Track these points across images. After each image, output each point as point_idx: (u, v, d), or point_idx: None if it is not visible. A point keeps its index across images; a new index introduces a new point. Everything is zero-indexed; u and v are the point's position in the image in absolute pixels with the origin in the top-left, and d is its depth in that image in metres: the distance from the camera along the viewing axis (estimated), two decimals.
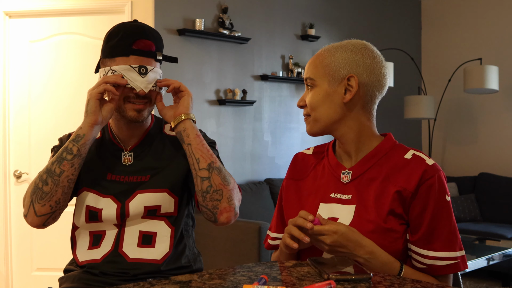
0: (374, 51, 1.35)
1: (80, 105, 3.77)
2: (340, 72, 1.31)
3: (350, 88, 1.31)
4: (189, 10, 4.13)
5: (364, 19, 5.48)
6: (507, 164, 5.41)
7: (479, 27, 5.66)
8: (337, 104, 1.32)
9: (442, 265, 1.24)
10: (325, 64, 1.33)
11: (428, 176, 1.25)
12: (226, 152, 4.40)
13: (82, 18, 3.88)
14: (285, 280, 1.03)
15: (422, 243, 1.26)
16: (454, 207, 5.01)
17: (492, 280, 4.46)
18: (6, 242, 3.85)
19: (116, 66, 1.49)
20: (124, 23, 1.55)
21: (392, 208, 1.26)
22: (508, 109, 5.47)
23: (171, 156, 1.59)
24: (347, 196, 1.32)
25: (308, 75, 1.35)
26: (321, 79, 1.33)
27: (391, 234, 1.26)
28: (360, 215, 1.28)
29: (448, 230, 1.25)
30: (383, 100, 1.45)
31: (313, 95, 1.34)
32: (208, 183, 1.46)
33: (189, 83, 4.13)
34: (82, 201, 1.54)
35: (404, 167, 1.29)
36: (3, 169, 3.87)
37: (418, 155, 1.31)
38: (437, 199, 1.25)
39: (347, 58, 1.32)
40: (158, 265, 1.51)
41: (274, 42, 4.72)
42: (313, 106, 1.34)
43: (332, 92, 1.32)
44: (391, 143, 1.36)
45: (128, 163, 1.57)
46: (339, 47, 1.34)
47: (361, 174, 1.33)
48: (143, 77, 1.49)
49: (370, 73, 1.32)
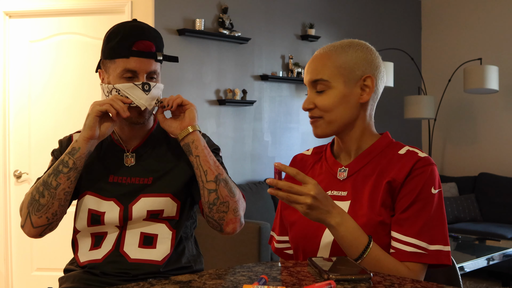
0: (375, 50, 1.37)
1: (80, 105, 3.78)
2: (355, 72, 1.30)
3: (365, 88, 1.31)
4: (189, 10, 4.13)
5: (364, 19, 5.48)
6: (507, 164, 5.41)
7: (479, 27, 5.66)
8: (353, 105, 1.32)
9: (408, 251, 1.22)
10: (339, 64, 1.30)
11: (418, 166, 1.26)
12: (226, 152, 4.40)
13: (82, 18, 3.88)
14: (285, 280, 1.03)
15: (395, 225, 1.25)
16: (454, 207, 5.01)
17: (492, 280, 4.46)
18: (6, 242, 3.85)
19: (120, 85, 1.48)
20: (124, 23, 1.54)
21: (383, 199, 1.26)
22: (508, 109, 5.47)
23: (174, 159, 1.58)
24: (343, 193, 1.33)
25: (319, 76, 1.31)
26: (336, 80, 1.30)
27: (384, 227, 1.26)
28: (354, 210, 1.29)
29: (425, 220, 1.24)
30: (383, 100, 1.46)
31: (328, 97, 1.31)
32: (215, 195, 1.47)
33: (189, 83, 4.13)
34: (84, 205, 1.53)
35: (397, 161, 1.29)
36: (3, 169, 3.87)
37: (412, 150, 1.31)
38: (422, 188, 1.24)
39: (359, 58, 1.31)
40: (158, 266, 1.51)
41: (274, 42, 4.72)
42: (327, 109, 1.31)
43: (348, 93, 1.30)
44: (387, 141, 1.36)
45: (130, 164, 1.56)
46: (346, 46, 1.33)
47: (357, 171, 1.33)
48: (146, 94, 1.49)
49: (379, 72, 1.34)
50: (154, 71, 1.52)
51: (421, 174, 1.25)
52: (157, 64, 1.53)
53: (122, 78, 1.49)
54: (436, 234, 1.25)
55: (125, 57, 1.48)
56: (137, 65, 1.48)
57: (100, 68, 1.57)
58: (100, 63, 1.56)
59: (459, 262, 3.21)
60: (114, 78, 1.51)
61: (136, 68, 1.48)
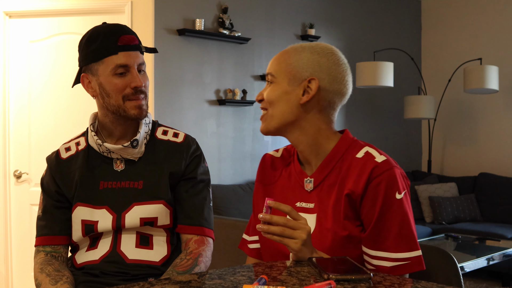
0: (341, 59, 1.33)
1: (80, 105, 3.78)
2: (302, 73, 1.29)
3: (309, 90, 1.29)
4: (189, 10, 4.13)
5: (364, 19, 5.48)
6: (507, 164, 5.41)
7: (479, 27, 5.66)
8: (293, 104, 1.30)
9: (389, 267, 1.20)
10: (289, 63, 1.31)
11: (375, 174, 1.21)
12: (226, 152, 4.40)
13: (82, 18, 3.88)
14: (285, 280, 1.03)
15: (369, 243, 1.22)
16: (454, 207, 5.01)
17: (492, 280, 4.45)
18: (6, 242, 3.85)
19: (109, 145, 1.50)
20: (97, 26, 1.53)
21: (346, 212, 1.23)
22: (508, 109, 5.47)
23: (163, 162, 1.56)
24: (311, 205, 1.30)
25: (269, 70, 1.33)
26: (282, 77, 1.31)
27: (350, 240, 1.23)
28: (320, 223, 1.26)
29: (396, 230, 1.20)
30: (383, 100, 1.45)
31: (270, 91, 1.32)
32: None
33: (189, 83, 4.13)
34: (77, 217, 1.53)
35: (354, 168, 1.25)
36: (3, 169, 3.87)
37: (370, 152, 1.27)
38: (385, 197, 1.20)
39: (312, 60, 1.30)
40: (157, 266, 1.51)
41: (274, 42, 4.72)
42: (270, 101, 1.31)
43: (290, 91, 1.30)
44: (347, 142, 1.32)
45: (120, 169, 1.55)
46: (306, 47, 1.32)
47: (321, 181, 1.30)
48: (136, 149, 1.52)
49: (332, 79, 1.30)
50: (142, 63, 1.52)
51: (380, 184, 1.20)
52: (142, 56, 1.53)
53: (114, 75, 1.47)
54: (411, 240, 1.21)
55: (114, 54, 1.47)
56: (127, 59, 1.48)
57: (83, 73, 1.53)
58: (83, 71, 1.53)
59: (459, 262, 3.21)
60: (105, 77, 1.48)
61: (127, 62, 1.47)
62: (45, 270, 1.47)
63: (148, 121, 1.59)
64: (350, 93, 1.35)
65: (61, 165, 1.57)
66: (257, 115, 4.60)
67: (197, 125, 4.19)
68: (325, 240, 1.24)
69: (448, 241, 4.16)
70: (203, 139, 4.19)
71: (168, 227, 1.55)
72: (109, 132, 1.57)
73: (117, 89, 1.48)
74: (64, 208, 1.56)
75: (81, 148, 1.58)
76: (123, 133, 1.56)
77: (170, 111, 4.02)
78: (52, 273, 1.46)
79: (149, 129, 1.58)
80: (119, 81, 1.48)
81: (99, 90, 1.50)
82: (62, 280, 1.43)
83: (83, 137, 1.62)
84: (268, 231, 1.14)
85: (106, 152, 1.54)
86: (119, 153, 1.52)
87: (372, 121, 5.49)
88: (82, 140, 1.60)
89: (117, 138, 1.56)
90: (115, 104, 1.49)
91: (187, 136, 1.62)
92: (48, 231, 1.55)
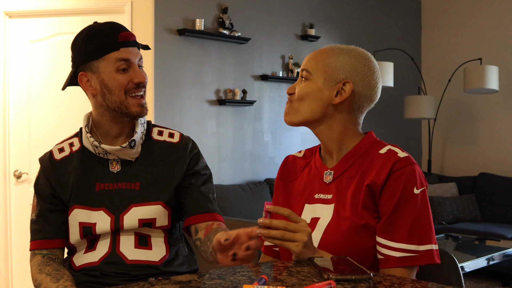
0: (376, 66, 1.37)
1: (80, 105, 3.77)
2: (338, 74, 1.33)
3: (342, 93, 1.32)
4: (189, 10, 4.13)
5: (364, 19, 5.48)
6: (507, 164, 5.40)
7: (479, 27, 5.66)
8: (325, 103, 1.33)
9: (397, 257, 1.22)
10: (327, 62, 1.34)
11: (397, 167, 1.25)
12: (226, 152, 4.40)
13: (82, 18, 3.88)
14: (285, 280, 1.03)
15: (382, 232, 1.25)
16: (454, 207, 5.01)
17: (492, 280, 4.46)
18: (6, 242, 3.85)
19: (107, 147, 1.50)
20: (91, 25, 1.52)
21: (364, 202, 1.26)
22: (508, 109, 5.47)
23: (160, 163, 1.56)
24: (329, 196, 1.33)
25: (306, 67, 1.36)
26: (318, 75, 1.34)
27: (367, 229, 1.26)
28: (338, 213, 1.29)
29: (410, 223, 1.23)
30: (383, 100, 1.45)
31: (304, 86, 1.35)
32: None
33: (189, 83, 4.13)
34: (74, 220, 1.51)
35: (377, 162, 1.29)
36: (3, 169, 3.87)
37: (393, 149, 1.31)
38: (403, 190, 1.24)
39: (349, 64, 1.33)
40: (158, 266, 1.51)
41: (274, 42, 4.72)
42: (300, 97, 1.35)
43: (323, 90, 1.33)
44: (371, 141, 1.36)
45: (116, 170, 1.54)
46: (345, 50, 1.35)
47: (341, 174, 1.34)
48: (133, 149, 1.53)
49: (366, 85, 1.34)
50: (141, 58, 1.54)
51: (401, 176, 1.24)
52: (140, 53, 1.54)
53: (117, 72, 1.47)
54: (424, 234, 1.24)
55: (116, 50, 1.47)
56: (128, 54, 1.48)
57: (85, 79, 1.52)
58: (80, 70, 1.52)
59: (459, 262, 3.21)
60: (107, 74, 1.48)
61: (129, 57, 1.48)
62: (44, 270, 1.46)
63: (143, 121, 1.59)
64: (378, 99, 1.40)
65: (55, 167, 1.56)
66: (257, 115, 4.60)
67: (197, 125, 4.19)
68: (342, 228, 1.26)
69: (448, 241, 4.16)
70: (203, 139, 4.19)
71: (166, 228, 1.55)
72: (105, 132, 1.55)
73: (120, 85, 1.48)
74: (58, 211, 1.55)
75: (75, 149, 1.57)
76: (119, 133, 1.55)
77: (170, 111, 4.02)
78: (52, 272, 1.45)
79: (144, 129, 1.58)
80: (122, 77, 1.48)
81: (100, 87, 1.49)
82: (63, 278, 1.43)
83: (76, 137, 1.60)
84: (269, 235, 1.15)
85: (102, 153, 1.53)
86: (116, 154, 1.52)
87: (372, 121, 5.49)
88: (76, 140, 1.59)
89: (112, 138, 1.55)
90: (117, 101, 1.49)
91: (182, 135, 1.62)
92: (44, 235, 1.54)
